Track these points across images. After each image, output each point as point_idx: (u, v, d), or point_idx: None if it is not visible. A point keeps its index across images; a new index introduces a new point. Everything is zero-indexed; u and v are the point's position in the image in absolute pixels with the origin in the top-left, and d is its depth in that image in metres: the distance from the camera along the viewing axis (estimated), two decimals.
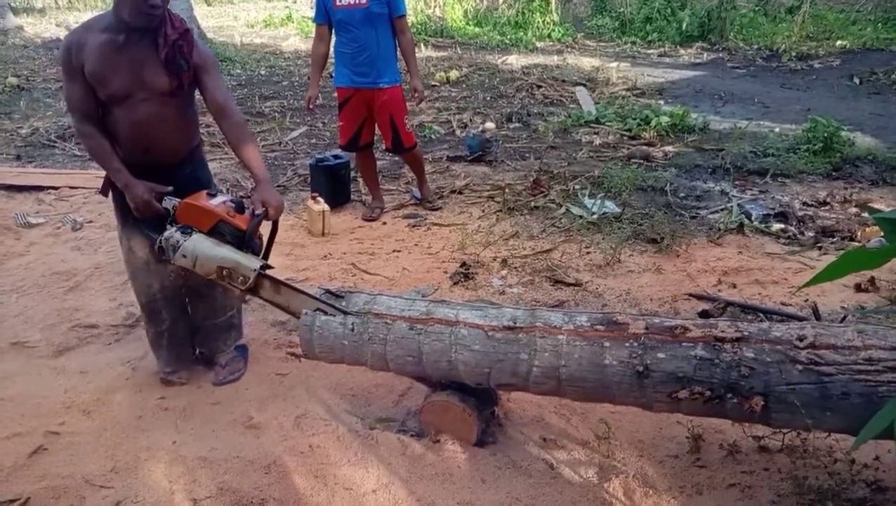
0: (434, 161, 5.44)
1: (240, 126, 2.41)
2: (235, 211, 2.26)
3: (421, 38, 11.45)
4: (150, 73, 2.24)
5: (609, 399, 2.00)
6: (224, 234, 2.25)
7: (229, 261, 2.19)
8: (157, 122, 2.30)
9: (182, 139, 2.43)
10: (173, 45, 2.22)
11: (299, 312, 2.23)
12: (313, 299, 2.22)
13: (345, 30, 3.92)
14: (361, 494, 2.03)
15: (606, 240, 3.82)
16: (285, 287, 2.27)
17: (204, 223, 2.25)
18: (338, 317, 2.21)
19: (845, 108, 6.73)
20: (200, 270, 2.23)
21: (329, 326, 2.21)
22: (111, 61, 2.20)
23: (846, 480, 1.91)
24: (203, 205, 2.26)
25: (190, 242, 2.21)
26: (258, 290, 2.25)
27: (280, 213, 2.34)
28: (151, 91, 2.26)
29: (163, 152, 2.38)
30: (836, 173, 4.80)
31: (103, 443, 2.29)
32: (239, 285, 2.21)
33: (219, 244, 2.23)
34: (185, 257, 2.21)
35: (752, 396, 1.79)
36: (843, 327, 1.85)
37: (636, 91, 7.76)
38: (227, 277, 2.21)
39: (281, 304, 2.28)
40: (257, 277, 2.20)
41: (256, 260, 2.23)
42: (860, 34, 10.32)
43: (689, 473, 2.07)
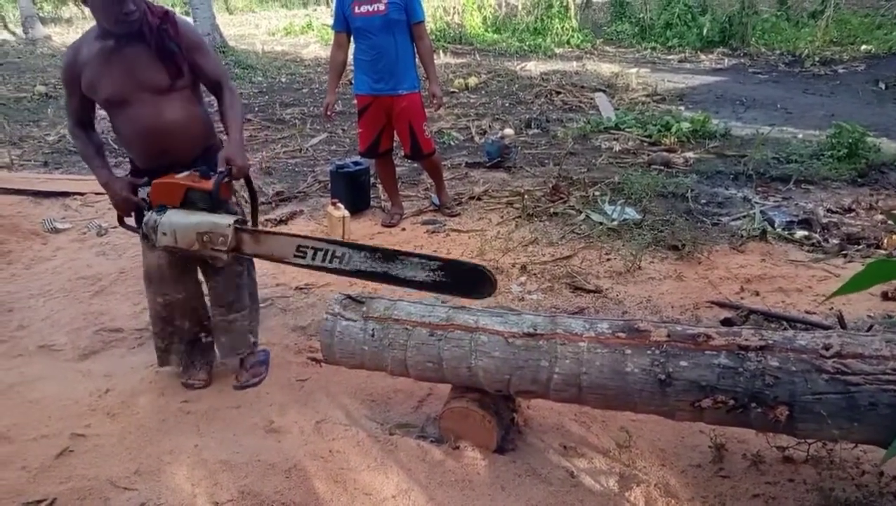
0: (453, 167, 5.45)
1: (233, 96, 2.48)
2: (201, 178, 2.31)
3: (440, 44, 11.51)
4: (146, 71, 2.28)
5: (630, 407, 1.98)
6: (195, 201, 2.29)
7: (205, 224, 2.24)
8: (165, 122, 2.32)
9: (195, 137, 2.45)
10: (158, 31, 2.26)
11: (285, 256, 2.24)
12: (292, 238, 2.24)
13: (364, 37, 3.95)
14: (381, 499, 2.03)
15: (627, 246, 3.80)
16: (264, 234, 2.30)
17: (174, 197, 2.30)
18: (358, 322, 2.22)
19: (870, 114, 6.63)
20: (182, 243, 2.27)
21: (349, 332, 2.23)
22: (105, 67, 2.26)
23: (874, 492, 1.87)
24: (169, 180, 2.30)
25: (166, 218, 2.26)
26: (241, 247, 2.28)
27: (245, 172, 2.37)
28: (149, 89, 2.29)
29: (179, 153, 2.40)
30: (861, 180, 4.72)
31: (127, 446, 2.32)
32: (221, 247, 2.25)
33: (192, 213, 2.27)
34: (166, 235, 2.26)
35: (777, 405, 1.76)
36: (871, 336, 1.82)
37: (656, 97, 7.72)
38: (209, 243, 2.25)
39: (265, 253, 2.29)
40: (235, 232, 2.23)
41: (230, 217, 2.28)
42: (885, 39, 10.16)
43: (712, 483, 2.04)
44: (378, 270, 2.13)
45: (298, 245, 2.21)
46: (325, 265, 2.20)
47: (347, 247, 2.19)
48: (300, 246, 2.21)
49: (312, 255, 2.21)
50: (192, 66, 2.38)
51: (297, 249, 2.22)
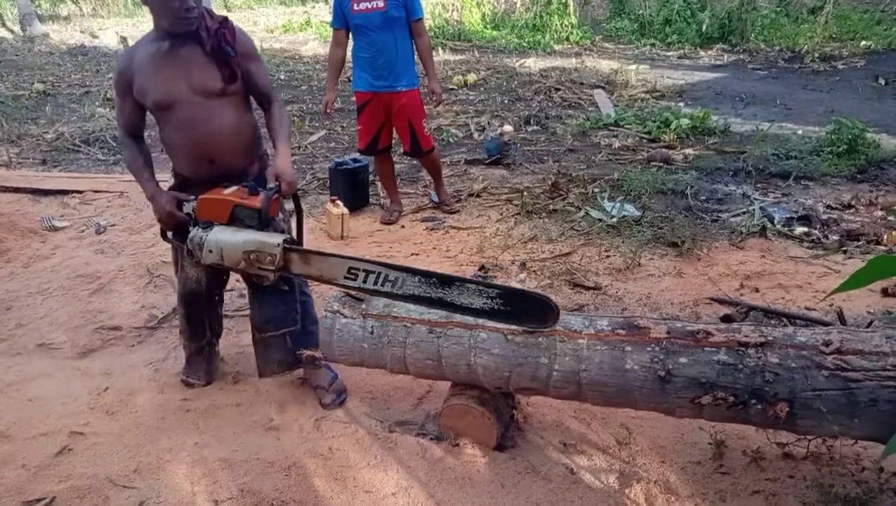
0: (452, 164, 5.45)
1: (282, 111, 2.43)
2: (249, 194, 2.23)
3: (438, 41, 11.49)
4: (199, 72, 2.21)
5: (630, 404, 1.98)
6: (242, 219, 2.22)
7: (252, 243, 2.16)
8: (215, 127, 2.25)
9: (244, 145, 2.37)
10: (216, 35, 2.21)
11: (334, 278, 2.13)
12: (344, 259, 2.13)
13: (363, 34, 3.94)
14: (381, 497, 2.03)
15: (626, 243, 3.79)
16: (314, 255, 2.18)
17: (221, 214, 2.23)
18: (357, 320, 2.22)
19: (870, 110, 6.62)
20: (228, 261, 2.21)
21: (349, 329, 2.22)
22: (158, 68, 2.20)
23: (874, 488, 1.88)
24: (215, 196, 2.24)
25: (212, 235, 2.20)
26: (289, 267, 2.19)
27: (294, 187, 2.30)
28: (201, 91, 2.22)
29: (227, 162, 2.31)
30: (860, 176, 4.72)
31: (126, 444, 2.31)
32: (268, 266, 2.16)
33: (239, 230, 2.21)
34: (212, 252, 2.20)
35: (777, 402, 1.76)
36: (871, 333, 1.81)
37: (655, 93, 7.71)
38: (255, 262, 2.17)
39: (314, 274, 2.19)
40: (283, 251, 2.15)
41: (279, 235, 2.20)
42: (885, 34, 10.15)
43: (712, 479, 2.04)
44: (433, 295, 2.02)
45: (350, 267, 2.11)
46: (377, 288, 2.09)
47: (401, 271, 2.07)
48: (351, 268, 2.11)
49: (364, 278, 2.09)
50: (245, 74, 2.30)
51: (349, 271, 2.11)
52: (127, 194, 4.97)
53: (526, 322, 1.99)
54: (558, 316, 1.93)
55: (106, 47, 11.88)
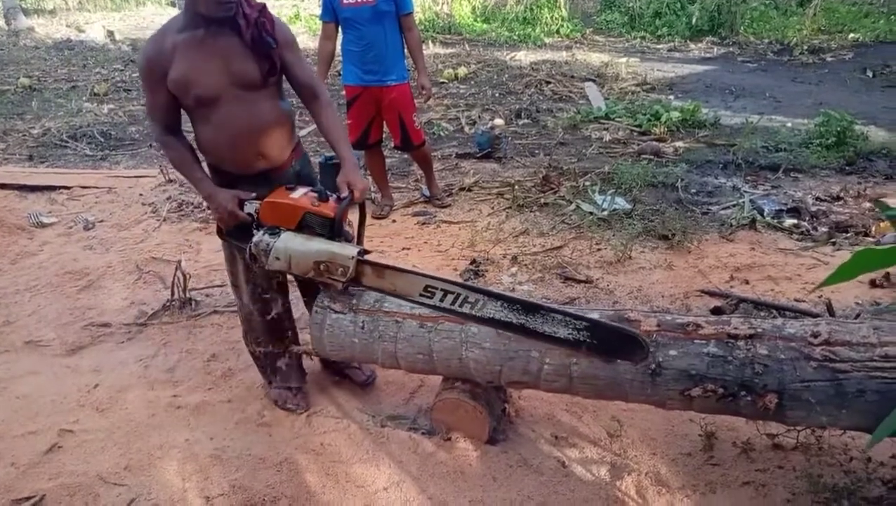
0: (443, 158, 5.43)
1: (331, 107, 2.28)
2: (319, 200, 2.10)
3: (429, 34, 11.43)
4: (239, 63, 2.06)
5: (621, 397, 1.99)
6: (313, 226, 2.10)
7: (325, 253, 2.06)
8: (257, 120, 2.12)
9: (286, 137, 2.24)
10: (256, 24, 2.06)
11: (409, 294, 2.05)
12: (421, 277, 2.04)
13: (352, 28, 3.92)
14: (373, 491, 2.04)
15: (617, 236, 3.80)
16: (389, 270, 2.08)
17: (290, 219, 2.11)
18: (348, 315, 2.21)
19: (858, 102, 6.66)
20: (297, 270, 2.11)
21: (339, 324, 2.21)
22: (194, 59, 2.03)
23: (862, 478, 1.90)
24: (286, 200, 2.10)
25: (280, 242, 2.09)
26: (360, 279, 2.10)
27: (365, 195, 2.18)
28: (242, 84, 2.08)
29: (275, 155, 2.20)
30: (849, 168, 4.74)
31: (116, 441, 2.30)
32: (339, 278, 2.07)
33: (310, 238, 2.10)
34: (279, 259, 2.09)
35: (766, 393, 1.77)
36: (859, 324, 1.83)
37: (646, 86, 7.71)
38: (325, 272, 2.08)
39: (387, 289, 2.10)
40: (357, 264, 2.07)
41: (353, 247, 2.09)
42: (873, 27, 10.20)
43: (703, 471, 2.05)
44: (514, 321, 1.93)
45: (427, 285, 2.02)
46: (454, 309, 2.00)
47: (482, 293, 1.97)
48: (428, 286, 2.01)
49: (441, 297, 2.01)
50: (284, 66, 2.17)
51: (425, 288, 2.02)
52: (115, 190, 4.93)
53: (610, 357, 1.89)
54: (647, 354, 1.82)
55: (93, 41, 11.74)
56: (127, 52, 10.77)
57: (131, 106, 7.52)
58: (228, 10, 2.01)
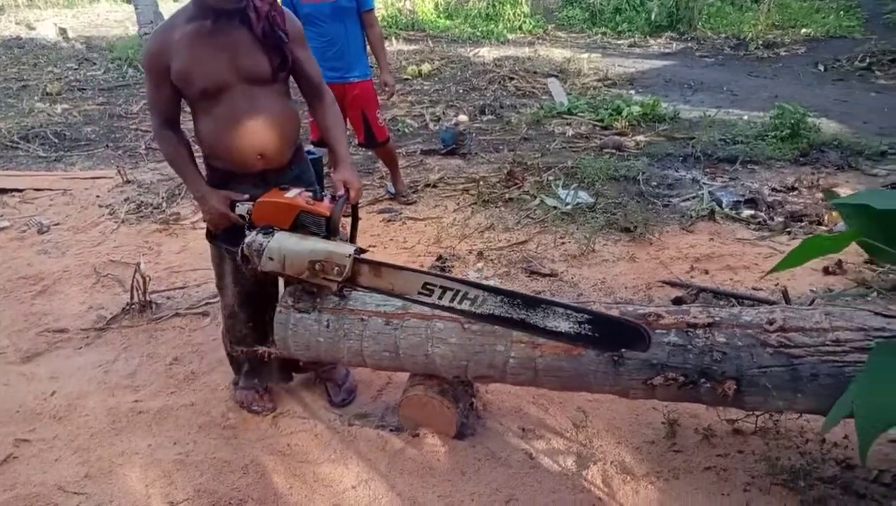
0: (408, 155, 5.42)
1: (335, 107, 2.26)
2: (314, 199, 2.08)
3: (392, 31, 11.39)
4: (248, 57, 2.01)
5: (586, 388, 2.01)
6: (307, 225, 2.06)
7: (320, 252, 2.01)
8: (262, 117, 2.06)
9: (290, 137, 2.19)
10: (267, 18, 2.00)
11: (407, 292, 2.01)
12: (419, 274, 2.01)
13: (313, 24, 3.87)
14: (341, 491, 2.03)
15: (581, 230, 3.85)
16: (386, 268, 2.04)
17: (284, 219, 2.06)
18: (313, 314, 2.19)
19: (811, 95, 6.86)
20: (291, 270, 2.04)
21: (304, 324, 2.19)
22: (201, 51, 1.97)
23: (817, 459, 1.96)
24: (280, 199, 2.06)
25: (274, 242, 2.03)
26: (356, 278, 2.05)
27: (360, 194, 2.17)
28: (250, 78, 2.03)
29: (276, 155, 2.14)
30: (803, 159, 4.88)
31: (76, 449, 2.25)
32: (335, 277, 2.02)
33: (305, 237, 2.05)
34: (273, 260, 2.03)
35: (725, 380, 1.82)
36: (812, 310, 1.88)
37: (607, 81, 7.81)
38: (320, 272, 2.02)
39: (384, 288, 2.05)
40: (353, 263, 2.02)
41: (349, 245, 2.05)
42: (823, 22, 10.50)
43: (666, 458, 2.10)
44: (515, 316, 1.89)
45: (426, 282, 1.97)
46: (454, 306, 1.96)
47: (482, 289, 1.94)
48: (427, 283, 1.97)
49: (440, 294, 1.96)
50: (294, 62, 2.12)
51: (424, 286, 1.97)
52: (71, 192, 4.79)
53: (613, 349, 1.87)
54: (650, 344, 1.79)
55: (44, 39, 11.38)
56: (81, 50, 10.45)
57: (86, 106, 7.31)
58: (239, 2, 1.96)
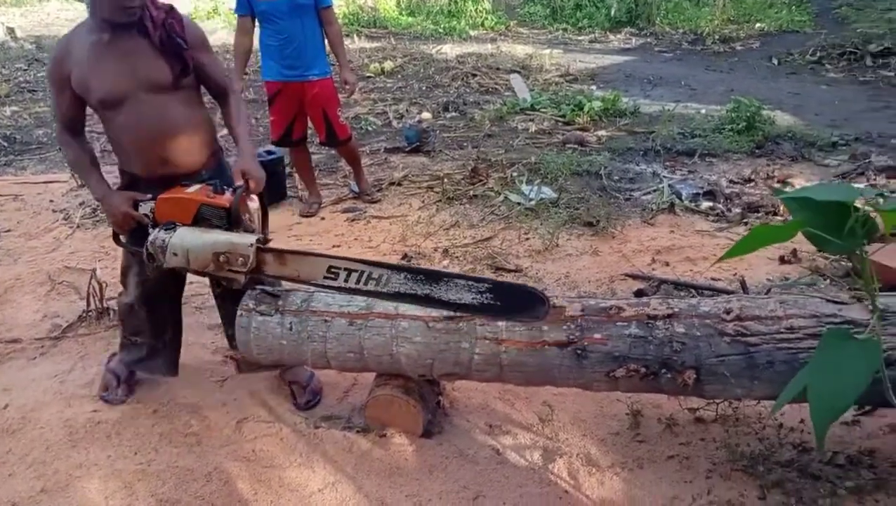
0: (372, 153, 5.39)
1: (240, 102, 2.30)
2: (214, 192, 2.09)
3: (353, 28, 11.30)
4: (147, 66, 2.05)
5: (550, 382, 2.03)
6: (209, 218, 2.08)
7: (222, 244, 2.02)
8: (166, 124, 2.09)
9: (199, 142, 2.21)
10: (163, 26, 2.05)
11: (313, 278, 2.04)
12: (324, 258, 2.05)
13: (269, 21, 3.82)
14: (307, 495, 2.00)
15: (544, 225, 3.87)
16: (291, 255, 2.07)
17: (186, 214, 2.07)
18: (275, 317, 2.16)
19: (765, 88, 7.03)
20: (196, 265, 2.05)
21: (266, 327, 2.16)
22: (99, 62, 2.02)
23: (774, 443, 2.01)
24: (179, 195, 2.08)
25: (177, 238, 2.03)
26: (262, 268, 2.07)
27: (262, 184, 2.16)
28: (151, 87, 2.06)
29: (182, 160, 2.16)
30: (758, 151, 5.01)
31: (30, 463, 2.17)
32: (240, 269, 2.03)
33: (207, 231, 2.06)
34: (177, 255, 2.03)
35: (685, 369, 1.85)
36: (767, 299, 1.93)
37: (569, 77, 7.88)
38: (225, 264, 2.03)
39: (290, 275, 2.08)
40: (257, 252, 2.03)
41: (251, 235, 2.07)
42: (776, 17, 10.77)
43: (630, 448, 2.13)
44: (419, 292, 1.95)
45: (330, 266, 2.01)
46: (360, 287, 2.00)
47: (386, 268, 2.00)
48: (332, 267, 2.01)
49: (346, 276, 2.01)
50: (197, 66, 2.16)
51: (329, 270, 2.01)
52: (22, 197, 4.64)
53: (515, 316, 1.94)
54: (549, 307, 1.88)
55: None
56: (30, 50, 10.11)
57: (37, 108, 7.08)
58: (132, 14, 2.01)
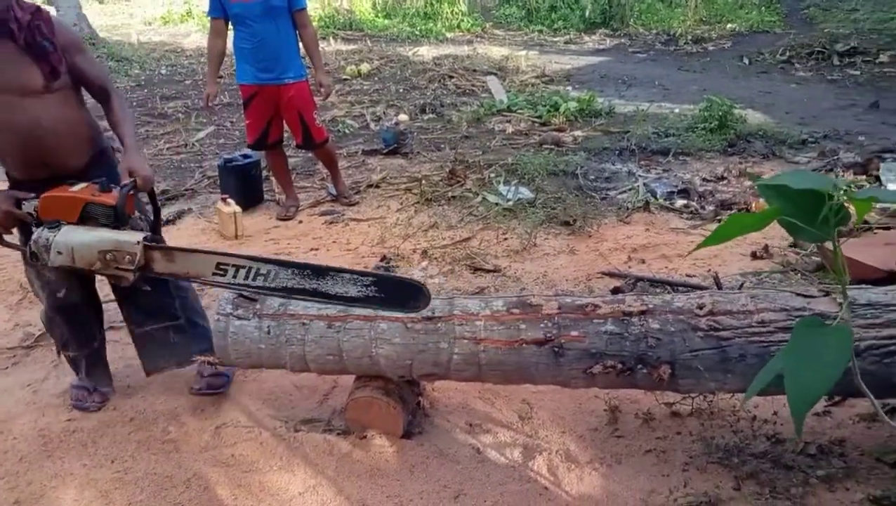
0: (349, 155, 5.38)
1: (123, 102, 2.31)
2: (101, 191, 2.09)
3: (329, 31, 11.27)
4: (14, 70, 2.03)
5: (529, 380, 2.05)
6: (95, 217, 2.07)
7: (108, 242, 2.02)
8: (41, 129, 2.08)
9: (79, 143, 2.22)
10: (29, 27, 2.03)
11: (202, 274, 2.07)
12: (212, 255, 2.08)
13: (243, 24, 3.80)
14: (288, 498, 1.99)
15: (522, 225, 3.90)
16: (178, 252, 2.10)
17: (70, 213, 2.06)
18: (252, 320, 2.15)
19: (737, 88, 7.15)
20: (81, 263, 2.04)
21: (244, 331, 2.15)
22: None
23: (749, 436, 2.05)
24: (64, 193, 2.08)
25: (61, 236, 2.02)
26: (151, 265, 2.08)
27: (150, 183, 2.18)
28: (21, 91, 2.04)
29: (62, 162, 2.16)
30: (731, 149, 5.09)
31: (3, 474, 2.13)
32: (128, 266, 2.03)
33: (92, 229, 2.06)
34: (61, 254, 2.01)
35: (660, 364, 1.88)
36: (738, 294, 1.97)
37: (545, 78, 7.94)
38: (112, 262, 2.03)
39: (180, 272, 2.11)
40: (144, 250, 2.04)
41: (138, 233, 2.09)
42: (747, 17, 10.97)
43: (608, 444, 2.15)
44: (307, 287, 1.99)
45: (218, 263, 2.03)
46: (248, 283, 2.03)
47: (273, 264, 2.03)
48: (220, 264, 2.03)
49: (234, 273, 2.03)
50: (72, 68, 2.15)
51: (217, 266, 2.03)
52: None
53: (399, 307, 2.00)
54: (429, 299, 1.96)
55: None
56: None
57: None
58: None
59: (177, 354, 2.45)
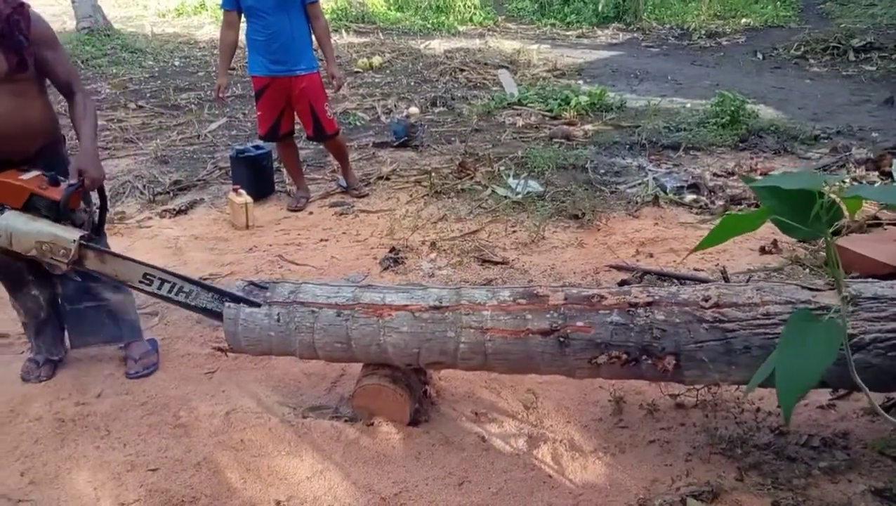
0: (360, 148, 5.40)
1: (87, 101, 2.39)
2: (49, 184, 2.22)
3: (342, 23, 11.28)
4: None
5: (534, 369, 2.07)
6: (39, 208, 2.21)
7: (46, 234, 2.18)
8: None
9: (32, 131, 2.30)
10: (8, 21, 2.13)
11: (129, 279, 2.26)
12: (140, 265, 2.26)
13: (256, 16, 3.82)
14: (296, 482, 2.03)
15: (531, 218, 3.91)
16: (110, 256, 2.28)
17: (16, 199, 2.20)
18: (263, 308, 2.18)
19: (750, 83, 7.09)
20: (18, 247, 2.20)
21: (254, 319, 2.19)
22: None
23: (752, 427, 2.06)
24: (11, 180, 2.20)
25: (3, 219, 2.18)
26: (83, 262, 2.25)
27: (98, 183, 2.31)
28: None
29: (13, 147, 2.25)
30: (742, 145, 5.06)
31: (19, 456, 2.19)
32: (62, 259, 2.19)
33: (34, 219, 2.20)
34: (0, 236, 2.18)
35: (665, 356, 1.89)
36: (744, 286, 1.98)
37: (556, 72, 7.92)
38: (48, 253, 2.19)
39: (109, 273, 2.29)
40: (80, 248, 2.20)
41: (76, 231, 2.23)
42: (762, 12, 10.86)
43: (613, 434, 2.17)
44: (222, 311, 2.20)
45: (145, 273, 2.24)
46: (171, 296, 2.26)
47: (197, 285, 2.25)
48: (147, 274, 2.24)
49: (159, 285, 2.25)
50: (42, 62, 2.25)
51: (144, 276, 2.25)
52: None
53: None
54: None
55: None
56: None
57: None
58: None
59: (105, 332, 2.61)
